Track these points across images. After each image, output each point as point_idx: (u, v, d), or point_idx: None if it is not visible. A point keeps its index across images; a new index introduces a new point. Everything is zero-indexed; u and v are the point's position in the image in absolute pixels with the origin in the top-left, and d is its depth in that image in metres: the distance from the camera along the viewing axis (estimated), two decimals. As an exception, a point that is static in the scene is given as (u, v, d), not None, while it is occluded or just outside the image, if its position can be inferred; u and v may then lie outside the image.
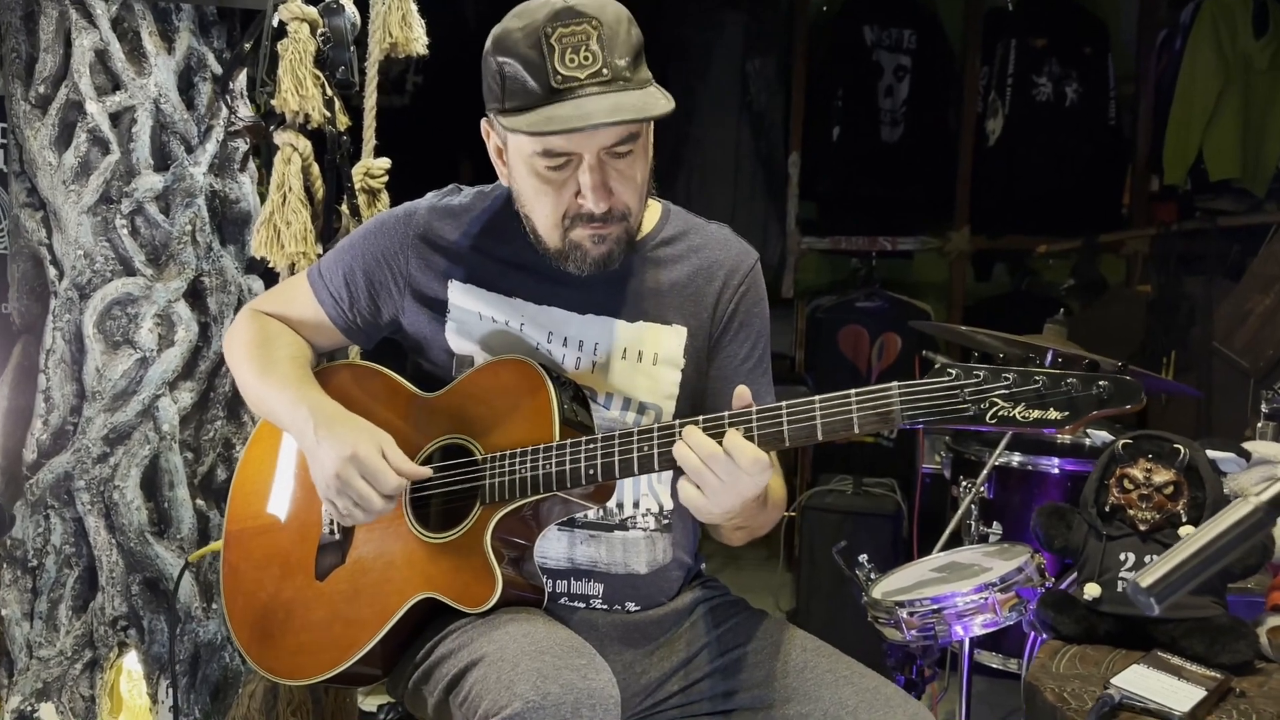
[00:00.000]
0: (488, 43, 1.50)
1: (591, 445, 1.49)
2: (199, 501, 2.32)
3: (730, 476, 1.37)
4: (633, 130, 1.49)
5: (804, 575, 3.75)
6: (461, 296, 1.66)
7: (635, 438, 1.47)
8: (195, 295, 2.33)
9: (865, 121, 4.96)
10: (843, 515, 3.71)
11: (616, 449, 1.47)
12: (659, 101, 1.47)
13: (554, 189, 1.52)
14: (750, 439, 1.38)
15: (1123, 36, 4.99)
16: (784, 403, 1.39)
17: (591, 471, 1.48)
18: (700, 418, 1.42)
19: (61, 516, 2.26)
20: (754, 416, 1.39)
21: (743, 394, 1.42)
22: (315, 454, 1.57)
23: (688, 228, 1.72)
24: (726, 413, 1.41)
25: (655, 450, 1.45)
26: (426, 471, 1.58)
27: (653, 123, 1.54)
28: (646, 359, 1.64)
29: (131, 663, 2.29)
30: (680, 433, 1.40)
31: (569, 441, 1.50)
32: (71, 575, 2.27)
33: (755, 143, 5.09)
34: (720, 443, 1.37)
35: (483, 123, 1.58)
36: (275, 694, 2.14)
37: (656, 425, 1.46)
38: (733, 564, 4.38)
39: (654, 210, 1.71)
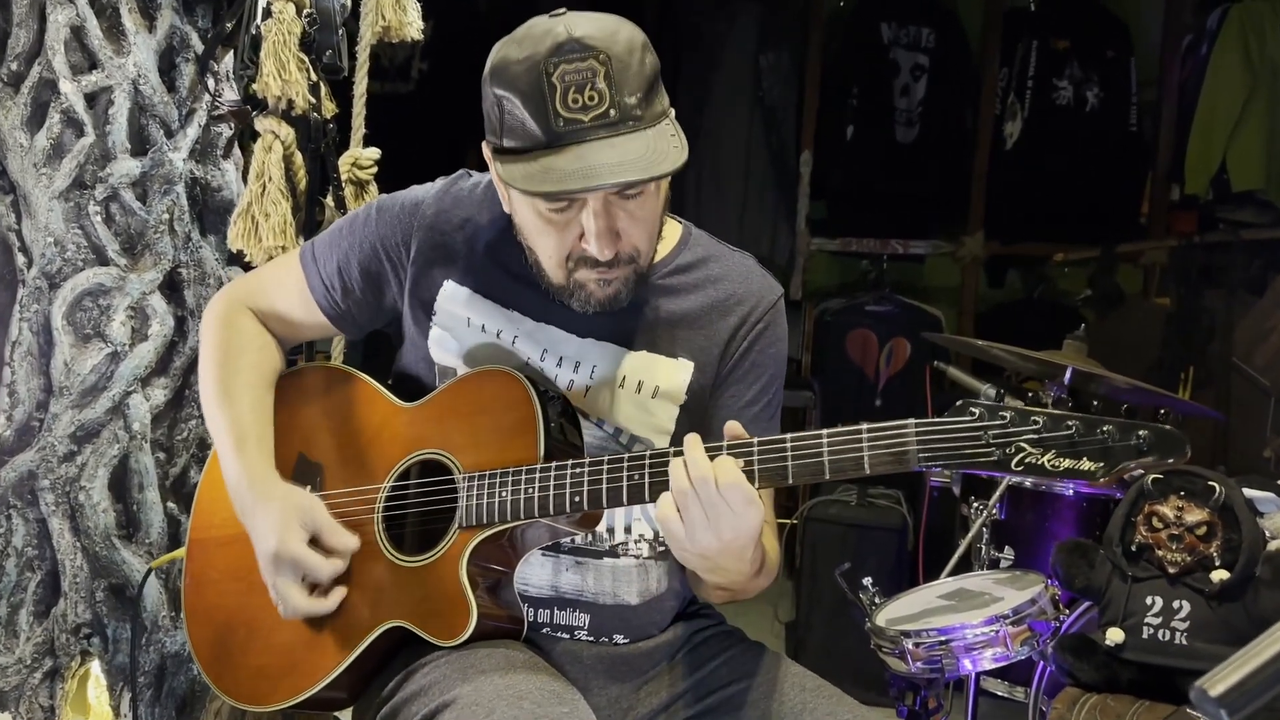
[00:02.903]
0: (487, 67, 1.37)
1: (578, 470, 1.38)
2: (170, 504, 2.21)
3: (714, 509, 1.26)
4: None
5: (805, 586, 3.64)
6: (451, 300, 1.54)
7: (625, 464, 1.36)
8: (172, 287, 2.22)
9: (880, 120, 4.87)
10: (846, 527, 3.61)
11: (605, 475, 1.36)
12: (670, 154, 1.32)
13: (556, 230, 1.39)
14: (750, 474, 1.26)
15: (1146, 40, 4.89)
16: (789, 435, 1.28)
17: (577, 499, 1.37)
18: (697, 438, 1.31)
19: (24, 517, 2.15)
20: (755, 448, 1.28)
21: (733, 429, 1.32)
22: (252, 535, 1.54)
23: (708, 255, 1.59)
24: (725, 442, 1.30)
25: (647, 480, 1.34)
26: (355, 542, 1.50)
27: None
28: (646, 390, 1.52)
29: (100, 669, 2.19)
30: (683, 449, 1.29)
31: (554, 465, 1.39)
32: (33, 579, 2.16)
33: (767, 138, 4.99)
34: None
35: (484, 146, 1.44)
36: (242, 711, 2.04)
37: (649, 452, 1.36)
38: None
39: (673, 232, 1.58)
